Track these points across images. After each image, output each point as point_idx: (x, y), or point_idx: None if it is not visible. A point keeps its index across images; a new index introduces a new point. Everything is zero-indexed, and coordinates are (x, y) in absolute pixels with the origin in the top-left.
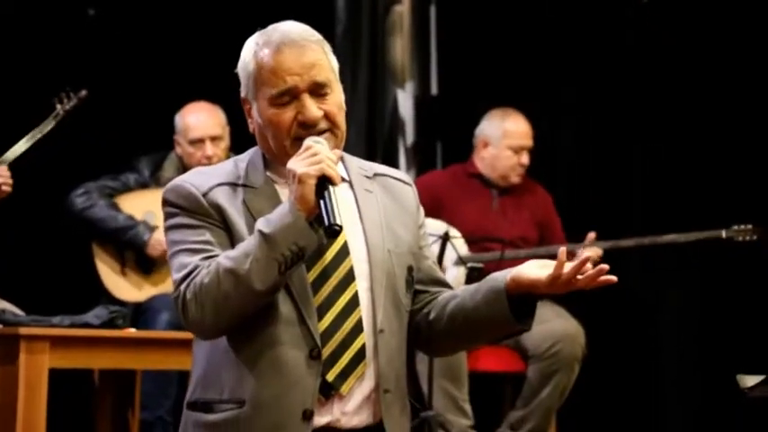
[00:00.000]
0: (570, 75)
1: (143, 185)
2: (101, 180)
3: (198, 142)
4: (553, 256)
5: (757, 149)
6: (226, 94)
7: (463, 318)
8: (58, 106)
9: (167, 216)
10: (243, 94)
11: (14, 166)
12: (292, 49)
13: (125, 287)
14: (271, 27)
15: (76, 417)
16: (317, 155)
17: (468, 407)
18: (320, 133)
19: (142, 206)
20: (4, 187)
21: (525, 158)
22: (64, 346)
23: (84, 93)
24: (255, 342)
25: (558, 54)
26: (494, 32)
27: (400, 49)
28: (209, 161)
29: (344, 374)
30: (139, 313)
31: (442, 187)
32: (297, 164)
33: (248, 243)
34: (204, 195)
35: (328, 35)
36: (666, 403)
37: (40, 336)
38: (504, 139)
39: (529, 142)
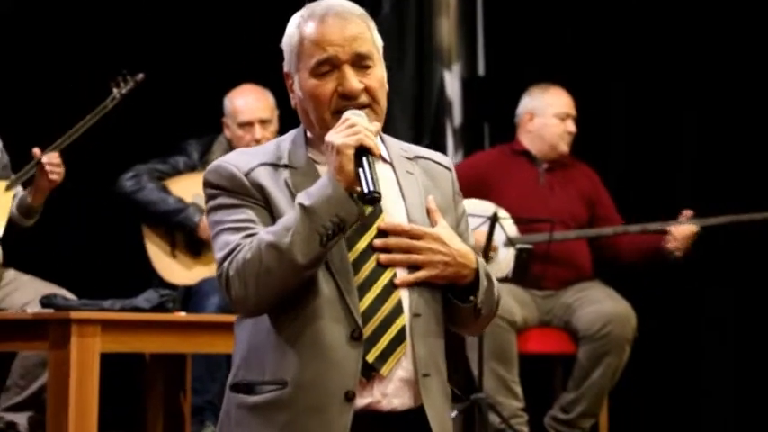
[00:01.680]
0: (619, 54)
1: (192, 168)
2: (150, 163)
3: (247, 125)
4: (602, 238)
5: None
6: (275, 76)
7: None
8: (115, 90)
9: (209, 197)
10: (286, 69)
11: (68, 149)
12: (335, 20)
13: (176, 270)
14: (315, 2)
15: (128, 400)
16: (355, 125)
17: (518, 389)
18: (360, 108)
19: (191, 189)
20: (53, 176)
21: (572, 126)
22: (115, 329)
23: (141, 76)
24: (297, 321)
25: (605, 33)
26: (540, 12)
27: (447, 29)
28: (257, 144)
29: (384, 356)
30: (189, 296)
31: (487, 167)
32: (335, 135)
33: (288, 217)
34: (246, 175)
35: (375, 16)
36: (715, 385)
37: (91, 320)
38: (549, 108)
39: (573, 111)
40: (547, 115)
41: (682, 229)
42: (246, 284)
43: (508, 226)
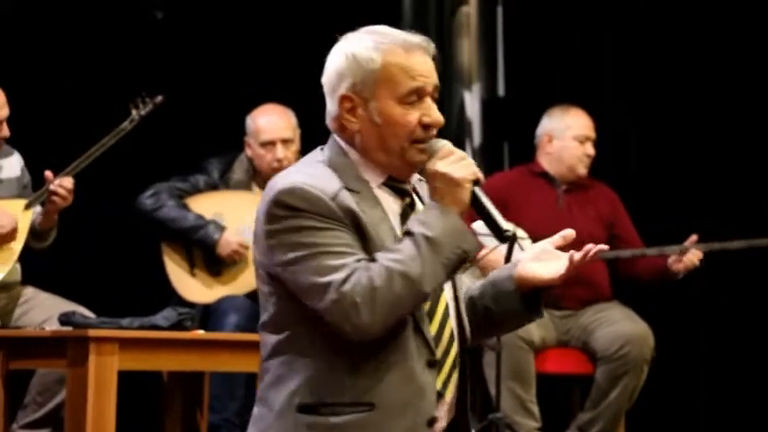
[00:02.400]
0: (638, 76)
1: (213, 187)
2: (170, 181)
3: (269, 144)
4: (623, 260)
5: None
6: (296, 96)
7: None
8: (134, 111)
9: (282, 218)
10: (347, 92)
11: (89, 168)
12: (420, 51)
13: (194, 288)
14: (375, 28)
15: (145, 418)
16: (466, 158)
17: (535, 408)
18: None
19: (211, 208)
20: (59, 201)
21: (591, 149)
22: (133, 347)
23: (160, 98)
24: (381, 345)
25: (626, 53)
26: (561, 33)
27: (467, 50)
28: (279, 164)
29: (447, 381)
30: (208, 315)
31: (507, 187)
32: (451, 167)
33: (408, 246)
34: (333, 199)
35: None
36: (733, 407)
37: (110, 338)
38: (568, 130)
39: (593, 133)
40: (566, 138)
41: (688, 256)
42: (375, 311)
43: (527, 246)
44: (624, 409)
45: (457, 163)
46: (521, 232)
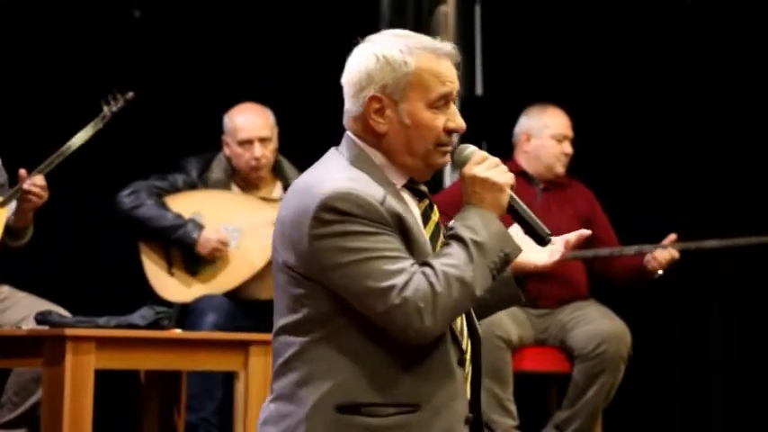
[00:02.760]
0: (616, 74)
1: (191, 186)
2: (149, 180)
3: (246, 143)
4: (600, 259)
5: None
6: (274, 95)
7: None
8: (105, 108)
9: (333, 222)
10: (377, 93)
11: (60, 167)
12: (448, 57)
13: (172, 287)
14: (402, 32)
15: (122, 417)
16: (500, 164)
17: (512, 407)
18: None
19: (190, 206)
20: (34, 198)
21: (568, 147)
22: (110, 346)
23: (131, 95)
24: (425, 347)
25: (603, 54)
26: (538, 32)
27: None
28: (257, 162)
29: (467, 378)
30: (185, 314)
31: None
32: (490, 172)
33: (460, 251)
34: (382, 204)
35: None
36: (712, 404)
37: (86, 337)
38: (546, 129)
39: (570, 132)
40: (544, 136)
41: (663, 254)
42: (437, 317)
43: None
44: (601, 408)
45: (495, 168)
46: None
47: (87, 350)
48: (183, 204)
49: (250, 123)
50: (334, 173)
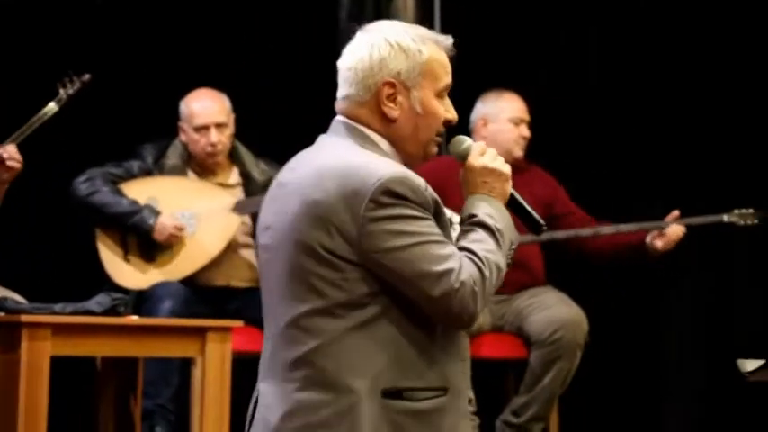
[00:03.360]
0: (575, 64)
1: (147, 173)
2: (104, 166)
3: (203, 129)
4: (554, 241)
5: (755, 135)
6: (230, 81)
7: None
8: (62, 90)
9: (389, 206)
10: (391, 78)
11: (20, 152)
12: (448, 50)
13: (129, 274)
14: (402, 23)
15: (78, 404)
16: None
17: (470, 393)
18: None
19: (145, 193)
20: (12, 163)
21: (526, 131)
22: (66, 333)
23: (87, 77)
24: (447, 332)
25: (563, 42)
26: (497, 19)
27: None
28: (213, 148)
29: None
30: (142, 300)
31: (442, 172)
32: (496, 162)
33: (489, 237)
34: (426, 190)
35: (332, 20)
36: (668, 389)
37: (42, 323)
38: (502, 113)
39: (527, 116)
40: (501, 120)
41: (674, 230)
42: (485, 300)
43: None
44: (557, 393)
45: (497, 159)
46: (457, 217)
47: (43, 337)
48: (139, 191)
49: (206, 109)
50: (365, 157)
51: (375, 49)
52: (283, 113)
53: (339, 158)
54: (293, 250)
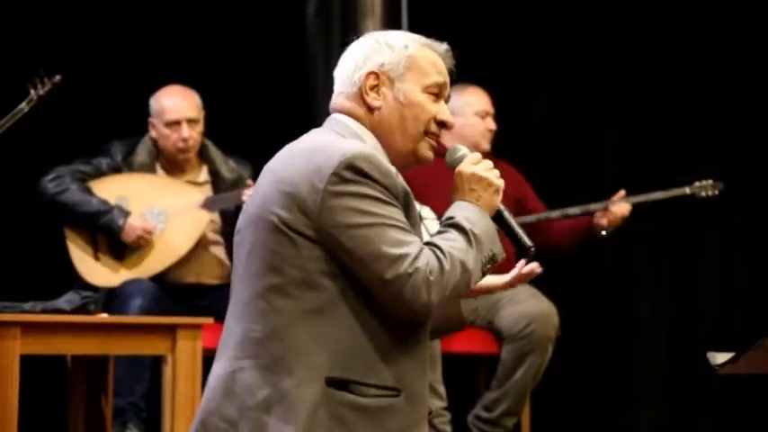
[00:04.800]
0: (543, 59)
1: (115, 170)
2: (73, 164)
3: (174, 124)
4: (525, 225)
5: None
6: (201, 78)
7: None
8: (32, 91)
9: (352, 182)
10: (376, 68)
11: None
12: (446, 56)
13: (98, 272)
14: (406, 32)
15: (49, 403)
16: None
17: (441, 388)
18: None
19: (115, 191)
20: None
21: (492, 124)
22: (35, 332)
23: (58, 78)
24: (410, 333)
25: (530, 38)
26: (465, 16)
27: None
28: (184, 144)
29: None
30: (112, 298)
31: (428, 174)
32: (489, 173)
33: (461, 238)
34: (396, 176)
35: (300, 16)
36: (639, 383)
37: (12, 322)
38: (468, 107)
39: (492, 109)
40: (467, 114)
41: (618, 207)
42: (440, 293)
43: (434, 226)
44: (529, 388)
45: (491, 171)
46: (427, 212)
47: (13, 335)
48: (109, 188)
49: (177, 105)
50: (337, 137)
51: (363, 47)
52: (252, 110)
53: (309, 141)
54: (257, 227)
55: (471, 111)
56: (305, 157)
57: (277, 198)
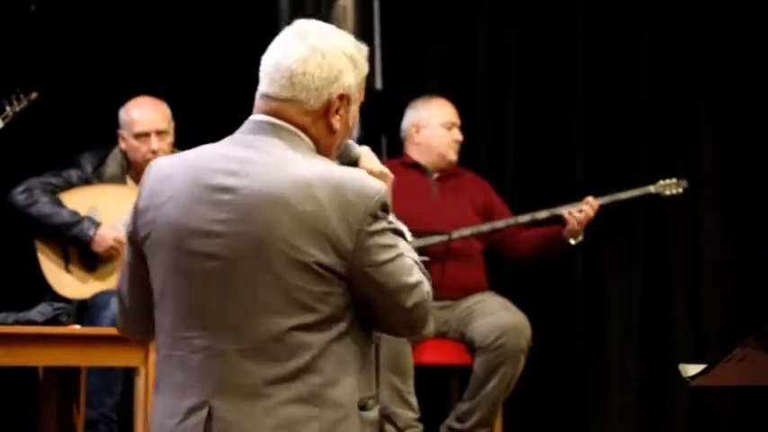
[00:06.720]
0: (511, 65)
1: (86, 181)
2: (43, 176)
3: (143, 136)
4: (496, 231)
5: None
6: (170, 89)
7: None
8: (8, 108)
9: (382, 219)
10: (346, 91)
11: None
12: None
13: (69, 284)
14: (333, 27)
15: (20, 415)
16: None
17: (413, 399)
18: None
19: (86, 202)
20: None
21: (458, 134)
22: (7, 343)
23: (34, 95)
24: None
25: (496, 46)
26: (435, 26)
27: None
28: (154, 155)
29: None
30: (84, 310)
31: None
32: (384, 168)
33: (406, 245)
34: None
35: (272, 29)
36: (610, 395)
37: None
38: (434, 118)
39: (458, 120)
40: (433, 125)
41: (585, 208)
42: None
43: (407, 238)
44: (502, 399)
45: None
46: (400, 225)
47: None
48: (79, 200)
49: (146, 116)
50: (344, 167)
51: (334, 59)
52: (222, 120)
53: (320, 168)
54: (276, 263)
55: (437, 122)
56: (330, 191)
57: (306, 236)
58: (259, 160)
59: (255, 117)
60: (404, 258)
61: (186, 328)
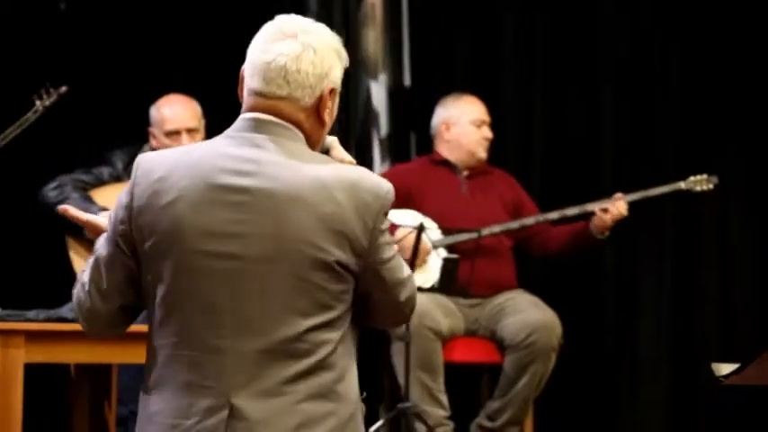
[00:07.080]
0: (540, 64)
1: (117, 179)
2: (74, 173)
3: (174, 134)
4: (525, 228)
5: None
6: (200, 87)
7: None
8: (38, 102)
9: (387, 215)
10: (335, 86)
11: None
12: None
13: None
14: (313, 21)
15: (53, 411)
16: None
17: (443, 397)
18: None
19: (116, 199)
20: None
21: (488, 132)
22: (39, 340)
23: (64, 89)
24: None
25: (523, 43)
26: (465, 22)
27: (373, 40)
28: None
29: None
30: None
31: (409, 178)
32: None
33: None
34: None
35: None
36: (641, 392)
37: (15, 330)
38: (463, 116)
39: (488, 117)
40: (463, 123)
41: (615, 205)
42: None
43: (435, 236)
44: (532, 397)
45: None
46: (429, 222)
47: (17, 344)
48: (110, 197)
49: (177, 114)
50: (353, 166)
51: (324, 55)
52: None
53: (332, 168)
54: (299, 263)
55: (467, 120)
56: (347, 191)
57: (329, 236)
58: (270, 160)
59: (254, 115)
60: (398, 254)
61: (201, 327)
